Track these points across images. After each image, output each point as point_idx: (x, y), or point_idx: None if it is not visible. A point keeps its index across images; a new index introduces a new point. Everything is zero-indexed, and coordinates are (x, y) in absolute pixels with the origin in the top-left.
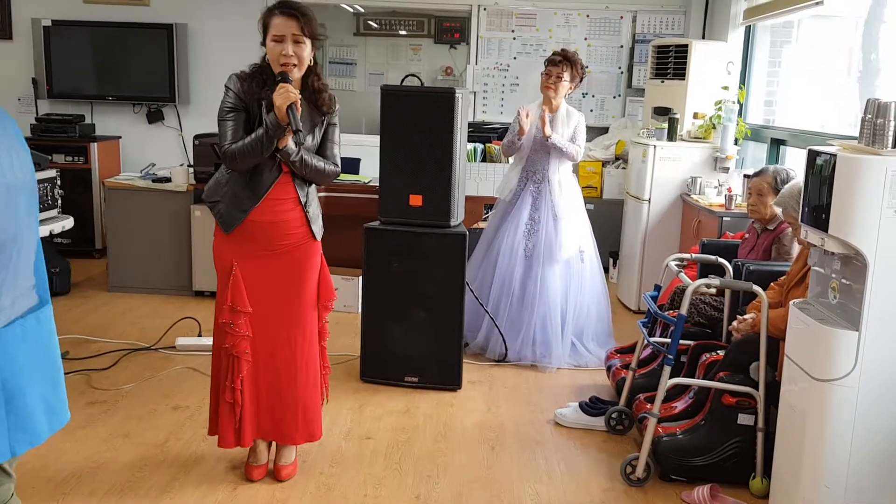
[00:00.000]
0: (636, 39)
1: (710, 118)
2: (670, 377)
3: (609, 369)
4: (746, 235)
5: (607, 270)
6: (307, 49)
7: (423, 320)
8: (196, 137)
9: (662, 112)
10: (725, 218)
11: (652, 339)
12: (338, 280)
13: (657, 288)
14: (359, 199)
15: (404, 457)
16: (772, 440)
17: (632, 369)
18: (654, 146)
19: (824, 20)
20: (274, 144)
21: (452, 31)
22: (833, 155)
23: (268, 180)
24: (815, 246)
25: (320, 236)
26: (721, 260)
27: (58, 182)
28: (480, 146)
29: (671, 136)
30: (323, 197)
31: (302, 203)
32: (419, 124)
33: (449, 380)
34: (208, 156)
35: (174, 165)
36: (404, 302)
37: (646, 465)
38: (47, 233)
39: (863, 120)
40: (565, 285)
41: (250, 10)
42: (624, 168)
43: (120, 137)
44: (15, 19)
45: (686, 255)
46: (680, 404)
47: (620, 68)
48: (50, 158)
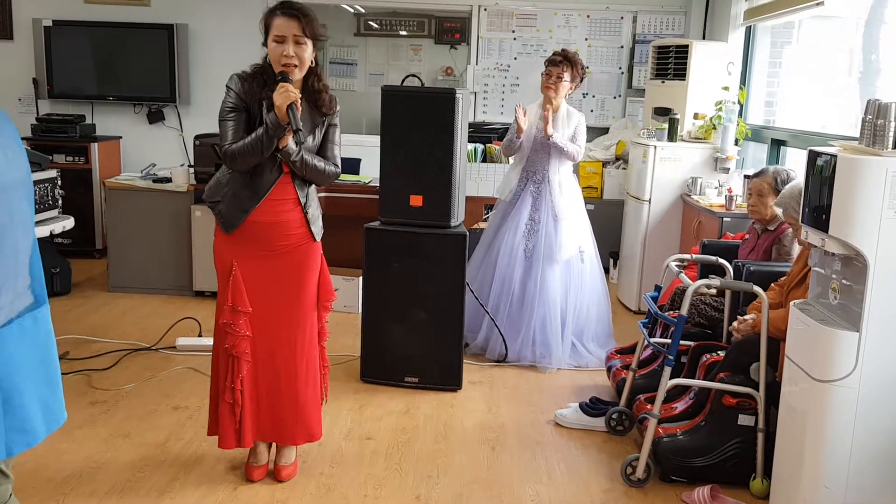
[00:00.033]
0: (636, 40)
1: (711, 119)
2: (671, 378)
3: (609, 370)
4: (747, 236)
5: (608, 271)
6: (308, 50)
7: (424, 321)
8: (196, 137)
9: (663, 112)
10: (726, 218)
11: (652, 340)
12: (338, 280)
13: (657, 288)
14: (359, 200)
15: (404, 457)
16: (772, 441)
17: (632, 370)
18: (655, 146)
19: (825, 21)
20: (274, 144)
21: (453, 32)
22: (833, 156)
23: (268, 181)
24: (816, 247)
25: (320, 237)
26: (721, 260)
27: (58, 182)
28: (481, 146)
29: (671, 137)
30: (323, 197)
31: (301, 204)
32: (420, 125)
33: (449, 380)
34: (209, 156)
35: (175, 165)
36: (404, 302)
37: (646, 466)
38: (48, 233)
39: (863, 121)
40: (565, 286)
41: (251, 11)
42: (624, 168)
43: (120, 137)
44: (16, 19)
45: (686, 256)
46: (680, 405)
47: (621, 69)
48: (50, 158)
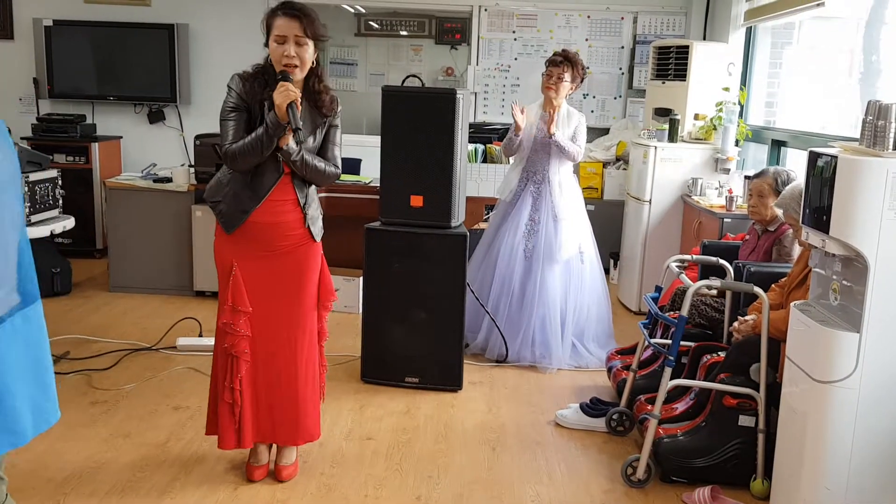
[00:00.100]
0: (637, 40)
1: (711, 119)
2: (671, 378)
3: (610, 370)
4: (747, 237)
5: (608, 271)
6: (309, 50)
7: (424, 321)
8: (197, 137)
9: (663, 113)
10: (726, 219)
11: (653, 341)
12: (338, 280)
13: (658, 289)
14: (360, 200)
15: (405, 457)
16: (772, 442)
17: (632, 370)
18: (655, 147)
19: (825, 21)
20: (274, 143)
21: (453, 32)
22: (834, 157)
23: (269, 181)
24: (816, 247)
25: (320, 238)
26: (722, 261)
27: (59, 182)
28: (481, 147)
29: (672, 138)
30: (324, 197)
31: (301, 205)
32: (420, 125)
33: (450, 380)
34: (209, 156)
35: (175, 165)
36: (405, 302)
37: (646, 467)
38: (48, 233)
39: (864, 122)
40: (565, 286)
41: (251, 11)
42: (625, 169)
43: (121, 137)
44: (16, 19)
45: (687, 257)
46: (681, 406)
47: (621, 69)
48: (51, 158)
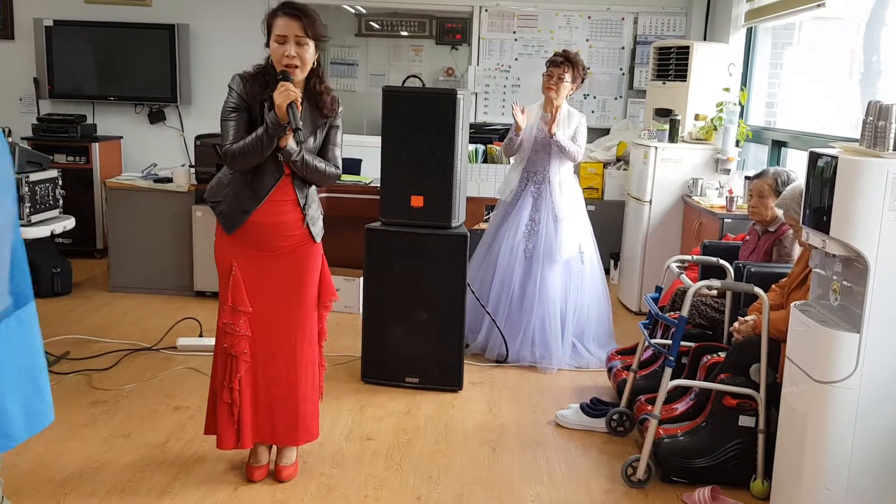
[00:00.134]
0: (637, 41)
1: (712, 120)
2: (671, 379)
3: (610, 371)
4: (747, 237)
5: (608, 272)
6: (310, 50)
7: (425, 321)
8: (197, 138)
9: (664, 113)
10: (726, 219)
11: (653, 341)
12: (339, 281)
13: (658, 289)
14: (360, 200)
15: (405, 458)
16: (773, 442)
17: (633, 371)
18: (656, 147)
19: (826, 22)
20: (274, 143)
21: (454, 32)
22: (834, 157)
23: (269, 182)
24: (817, 248)
25: (320, 238)
26: (722, 262)
27: (59, 182)
28: (482, 147)
29: (672, 138)
30: (324, 198)
31: (301, 205)
32: (421, 125)
33: (450, 381)
34: (210, 156)
35: (175, 166)
36: (405, 303)
37: (647, 467)
38: (48, 233)
39: (864, 122)
40: (565, 286)
41: (252, 11)
42: (625, 169)
43: (121, 137)
44: (17, 19)
45: (687, 257)
46: (681, 406)
47: (622, 70)
48: (51, 158)
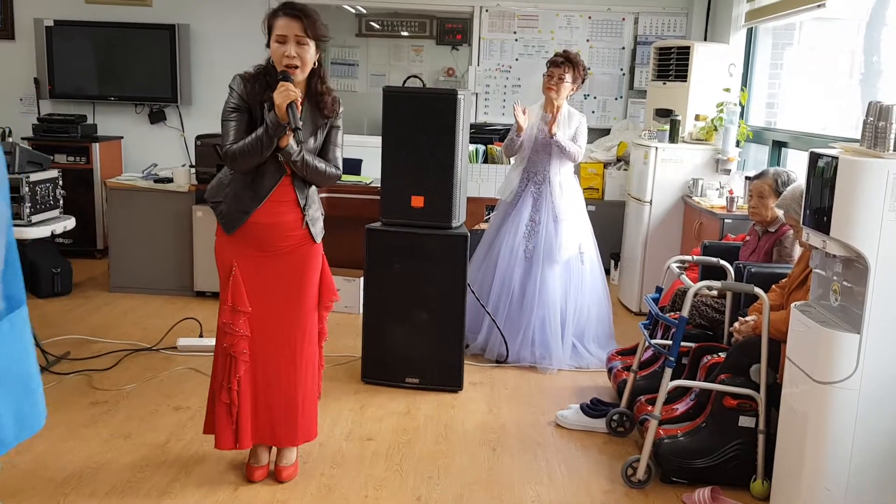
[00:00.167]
0: (638, 41)
1: (712, 120)
2: (671, 379)
3: (610, 371)
4: (748, 238)
5: (608, 272)
6: (310, 50)
7: (425, 321)
8: (198, 138)
9: (664, 114)
10: (727, 220)
11: (653, 341)
12: (339, 281)
13: (658, 290)
14: (360, 200)
15: (405, 458)
16: (773, 442)
17: (633, 371)
18: (656, 148)
19: (826, 22)
20: (274, 143)
21: (454, 33)
22: (835, 157)
23: (270, 182)
24: (817, 248)
25: (320, 239)
26: (722, 262)
27: (59, 182)
28: (482, 147)
29: (673, 138)
30: (325, 198)
31: (301, 206)
32: (421, 125)
33: (450, 381)
34: (210, 156)
35: (176, 166)
36: (405, 303)
37: (647, 467)
38: (49, 233)
39: (864, 122)
40: (565, 287)
41: (252, 11)
42: (625, 170)
43: (122, 138)
44: (17, 19)
45: (687, 257)
46: (681, 406)
47: (622, 70)
48: (52, 158)
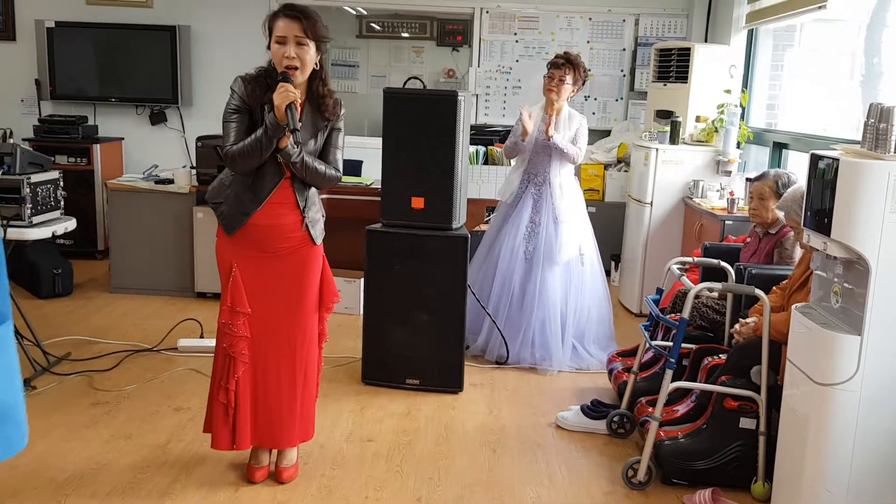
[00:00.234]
0: (638, 42)
1: (713, 121)
2: (672, 381)
3: (611, 372)
4: (748, 239)
5: (609, 273)
6: (310, 51)
7: (425, 323)
8: (199, 139)
9: (665, 115)
10: (727, 221)
11: (654, 343)
12: (339, 282)
13: (659, 291)
14: (361, 202)
15: (405, 459)
16: (774, 444)
17: (633, 373)
18: (657, 149)
19: (827, 24)
20: (274, 144)
21: (455, 34)
22: (836, 159)
23: (270, 184)
24: (818, 250)
25: (320, 241)
26: (723, 263)
27: (60, 183)
28: (482, 149)
29: (673, 140)
30: (325, 199)
31: (300, 207)
32: (421, 127)
33: (450, 382)
34: (211, 157)
35: (177, 167)
36: (406, 304)
37: (647, 469)
38: (50, 234)
39: (865, 124)
40: (565, 288)
41: (253, 12)
42: (626, 171)
43: (123, 139)
44: (18, 20)
45: (688, 259)
46: (682, 408)
47: (623, 71)
48: (53, 160)
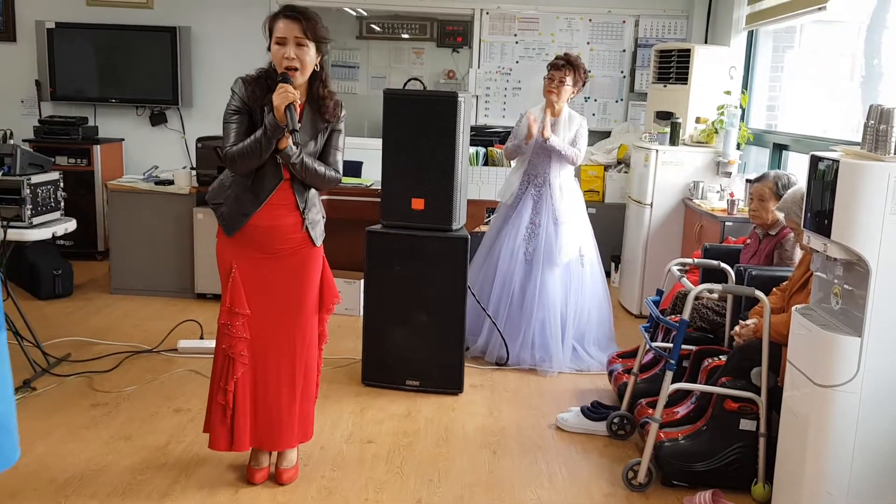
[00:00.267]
0: (639, 44)
1: (713, 123)
2: (672, 382)
3: (611, 374)
4: (748, 241)
5: (609, 274)
6: (310, 52)
7: (425, 324)
8: (199, 140)
9: (665, 116)
10: (727, 223)
11: (654, 344)
12: (340, 283)
13: (659, 292)
14: (361, 203)
15: (406, 461)
16: (774, 446)
17: (633, 374)
18: (657, 150)
19: (827, 25)
20: (273, 145)
21: (455, 35)
22: (836, 161)
23: (270, 185)
24: (818, 251)
25: (320, 242)
26: (723, 265)
27: (61, 184)
28: (482, 150)
29: (673, 141)
30: (325, 200)
31: (300, 209)
32: (421, 128)
33: (450, 383)
34: (211, 158)
35: (177, 168)
36: (406, 305)
37: (647, 471)
38: (50, 235)
39: (865, 125)
40: (565, 289)
41: (253, 13)
42: (626, 172)
43: (123, 140)
44: (19, 21)
45: (688, 260)
46: (682, 409)
47: (623, 72)
48: (53, 160)
